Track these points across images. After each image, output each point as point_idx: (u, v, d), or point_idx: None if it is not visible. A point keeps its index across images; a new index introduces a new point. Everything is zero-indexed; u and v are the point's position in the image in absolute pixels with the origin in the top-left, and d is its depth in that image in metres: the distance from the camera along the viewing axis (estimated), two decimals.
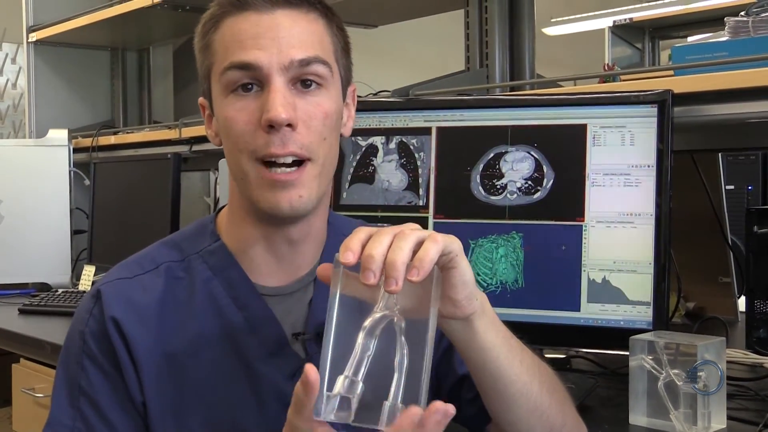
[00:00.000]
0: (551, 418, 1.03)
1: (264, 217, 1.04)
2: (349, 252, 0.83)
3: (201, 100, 1.10)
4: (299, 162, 1.00)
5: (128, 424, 1.03)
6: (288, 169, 0.99)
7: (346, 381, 0.82)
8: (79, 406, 1.04)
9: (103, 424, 1.03)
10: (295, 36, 1.00)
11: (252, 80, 1.00)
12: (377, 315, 0.84)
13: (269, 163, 0.99)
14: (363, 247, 0.83)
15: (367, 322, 0.84)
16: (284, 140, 0.98)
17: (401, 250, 0.83)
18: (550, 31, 4.44)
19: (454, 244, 0.86)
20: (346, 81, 1.09)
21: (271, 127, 0.98)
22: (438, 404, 0.79)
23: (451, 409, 0.80)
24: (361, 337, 0.83)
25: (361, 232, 0.85)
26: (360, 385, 0.82)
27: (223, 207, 1.14)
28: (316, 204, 1.04)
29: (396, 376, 0.82)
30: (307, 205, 1.01)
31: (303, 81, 1.01)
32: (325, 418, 0.82)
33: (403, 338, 0.83)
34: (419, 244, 0.84)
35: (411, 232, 0.84)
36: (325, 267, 0.88)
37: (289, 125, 0.98)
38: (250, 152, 0.99)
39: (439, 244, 0.84)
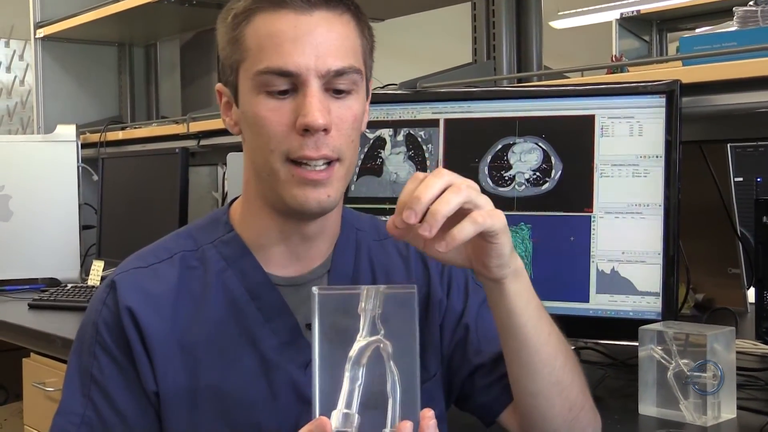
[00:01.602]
0: (572, 396, 1.05)
1: (284, 212, 1.05)
2: (411, 212, 0.88)
3: (219, 86, 1.09)
4: (328, 162, 1.01)
5: (139, 414, 1.04)
6: (318, 167, 1.00)
7: (341, 415, 0.81)
8: (90, 395, 1.04)
9: (113, 413, 1.04)
10: (332, 43, 1.00)
11: (287, 84, 0.99)
12: (362, 343, 0.83)
13: (299, 161, 1.00)
14: (425, 202, 0.89)
15: (353, 352, 0.83)
16: (318, 144, 0.99)
17: (448, 203, 0.89)
18: (558, 24, 4.43)
19: (497, 223, 0.92)
20: (369, 80, 1.10)
21: (306, 130, 0.98)
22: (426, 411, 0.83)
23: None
24: (348, 368, 0.82)
25: (411, 182, 0.91)
26: (356, 417, 0.81)
27: (236, 199, 1.14)
28: (339, 201, 1.06)
29: (390, 402, 0.82)
30: (333, 203, 1.03)
31: (336, 88, 1.01)
32: None
33: (392, 363, 0.83)
34: (469, 203, 0.91)
35: (466, 189, 0.91)
36: (393, 225, 0.92)
37: (324, 129, 0.99)
38: (283, 153, 1.00)
39: (478, 224, 0.90)
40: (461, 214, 0.90)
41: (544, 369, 1.01)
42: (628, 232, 1.44)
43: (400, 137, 1.62)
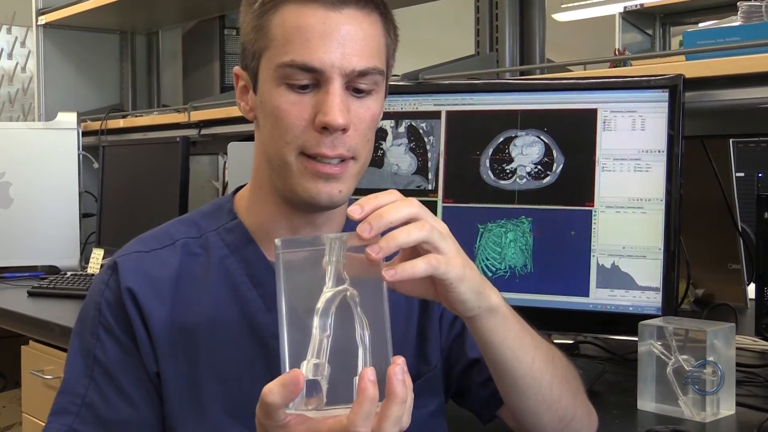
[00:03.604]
0: (561, 410, 1.04)
1: (293, 203, 1.04)
2: (367, 226, 0.84)
3: (237, 69, 1.08)
4: (342, 159, 1.00)
5: (142, 394, 1.04)
6: (333, 162, 1.00)
7: (310, 365, 0.79)
8: (92, 375, 1.05)
9: (116, 393, 1.04)
10: (359, 42, 0.99)
11: (310, 79, 0.99)
12: (328, 294, 0.82)
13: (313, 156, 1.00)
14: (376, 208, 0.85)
15: (320, 303, 0.81)
16: (335, 142, 0.98)
17: (408, 234, 0.85)
18: (561, 17, 4.41)
19: (452, 272, 0.88)
20: (388, 78, 1.09)
21: (325, 128, 0.98)
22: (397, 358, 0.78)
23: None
24: (316, 320, 0.81)
25: (385, 196, 0.87)
26: (327, 367, 0.80)
27: (241, 187, 1.14)
28: (349, 197, 1.05)
29: (361, 350, 0.81)
30: (344, 198, 1.03)
31: (357, 88, 1.00)
32: (297, 409, 0.78)
33: (359, 310, 0.81)
34: (429, 245, 0.86)
35: (431, 228, 0.86)
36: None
37: (343, 129, 0.98)
38: (298, 147, 0.99)
39: (431, 266, 0.86)
40: (420, 254, 0.87)
41: (529, 390, 1.01)
42: (629, 226, 1.44)
43: (401, 129, 1.61)
